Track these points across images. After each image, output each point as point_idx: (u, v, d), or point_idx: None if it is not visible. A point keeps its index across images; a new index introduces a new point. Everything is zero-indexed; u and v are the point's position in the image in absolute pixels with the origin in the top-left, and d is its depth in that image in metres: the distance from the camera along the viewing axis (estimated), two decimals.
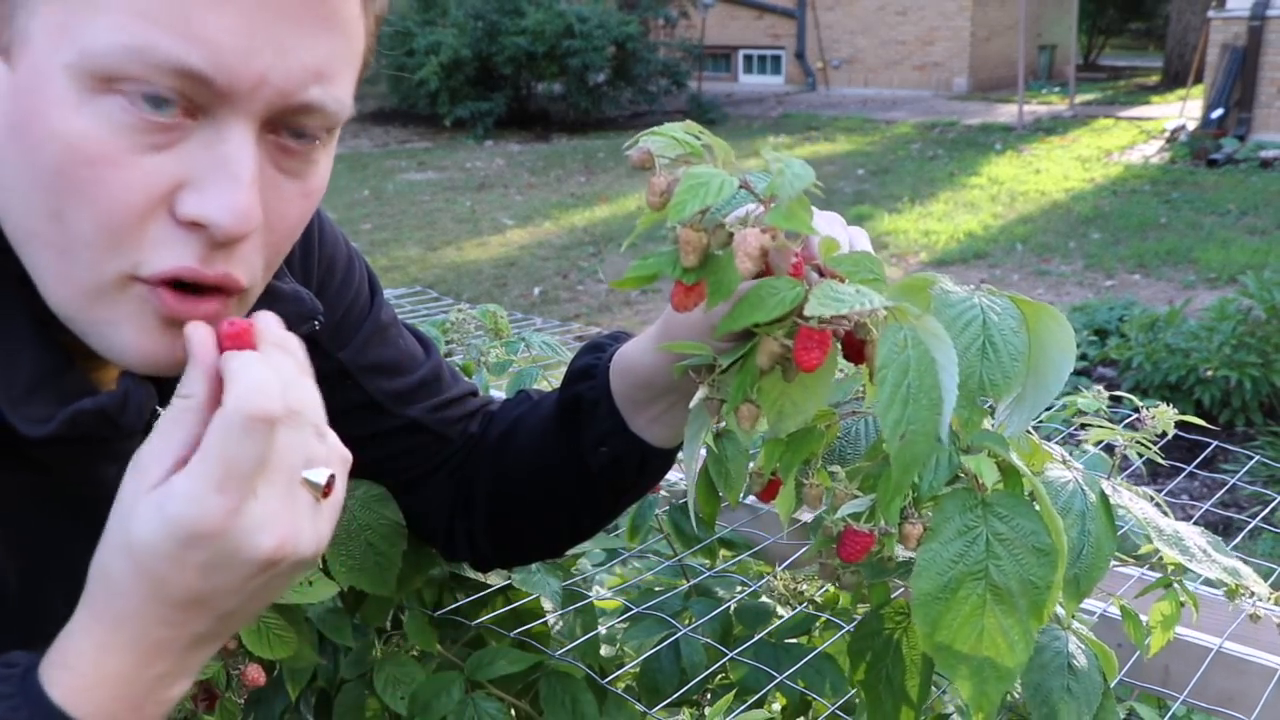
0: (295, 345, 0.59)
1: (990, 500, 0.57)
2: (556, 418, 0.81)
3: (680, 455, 1.15)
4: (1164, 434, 0.87)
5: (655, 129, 0.58)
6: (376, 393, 0.84)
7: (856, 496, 0.63)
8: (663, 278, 0.59)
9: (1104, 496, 0.63)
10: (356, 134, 12.57)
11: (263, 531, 0.54)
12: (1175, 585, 0.78)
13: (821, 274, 0.57)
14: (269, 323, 0.58)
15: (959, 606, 0.56)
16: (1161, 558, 0.77)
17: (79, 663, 0.55)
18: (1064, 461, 0.65)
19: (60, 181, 0.54)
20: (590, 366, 0.79)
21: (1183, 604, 0.77)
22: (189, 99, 0.54)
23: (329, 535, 0.59)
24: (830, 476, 0.65)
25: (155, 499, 0.53)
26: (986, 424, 0.59)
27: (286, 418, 0.55)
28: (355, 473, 0.87)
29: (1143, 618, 0.83)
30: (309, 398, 0.57)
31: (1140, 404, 0.95)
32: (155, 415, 0.66)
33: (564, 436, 0.80)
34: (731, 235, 0.56)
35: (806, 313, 0.53)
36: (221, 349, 0.56)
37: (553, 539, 0.89)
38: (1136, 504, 0.68)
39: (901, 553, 0.68)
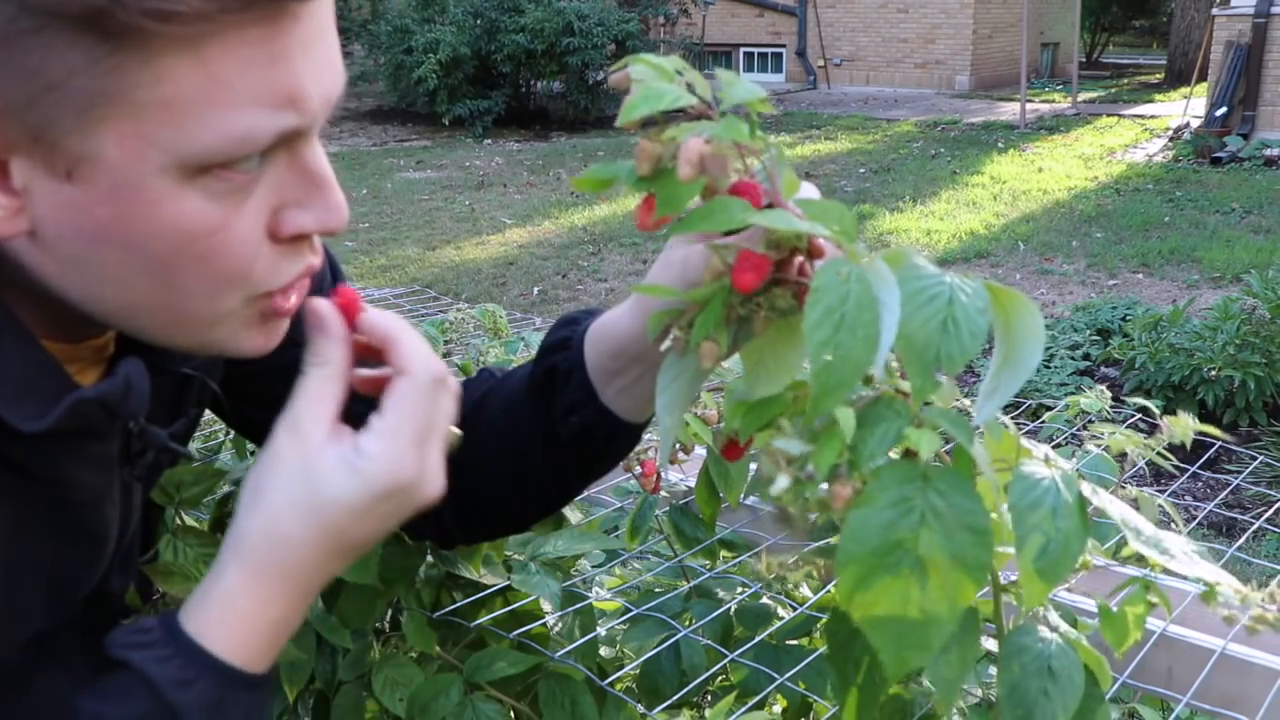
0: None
1: (931, 475, 0.58)
2: (529, 389, 0.82)
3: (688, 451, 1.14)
4: (1183, 444, 0.86)
5: (641, 55, 0.61)
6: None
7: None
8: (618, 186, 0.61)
9: (1080, 497, 0.63)
10: (354, 132, 12.56)
11: (435, 479, 0.62)
12: (1149, 583, 0.77)
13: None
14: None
15: (884, 573, 0.57)
16: (1147, 561, 0.77)
17: (235, 618, 0.60)
18: (1046, 460, 0.65)
19: (176, 260, 0.58)
20: (566, 339, 0.80)
21: (1154, 604, 0.77)
22: (277, 145, 0.57)
23: None
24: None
25: (344, 459, 0.60)
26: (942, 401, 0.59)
27: (447, 378, 0.63)
28: None
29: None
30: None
31: (1154, 408, 0.95)
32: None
33: (536, 406, 0.82)
34: None
35: (752, 220, 0.55)
36: (345, 318, 0.63)
37: (520, 512, 0.89)
38: (1117, 506, 0.67)
39: None
